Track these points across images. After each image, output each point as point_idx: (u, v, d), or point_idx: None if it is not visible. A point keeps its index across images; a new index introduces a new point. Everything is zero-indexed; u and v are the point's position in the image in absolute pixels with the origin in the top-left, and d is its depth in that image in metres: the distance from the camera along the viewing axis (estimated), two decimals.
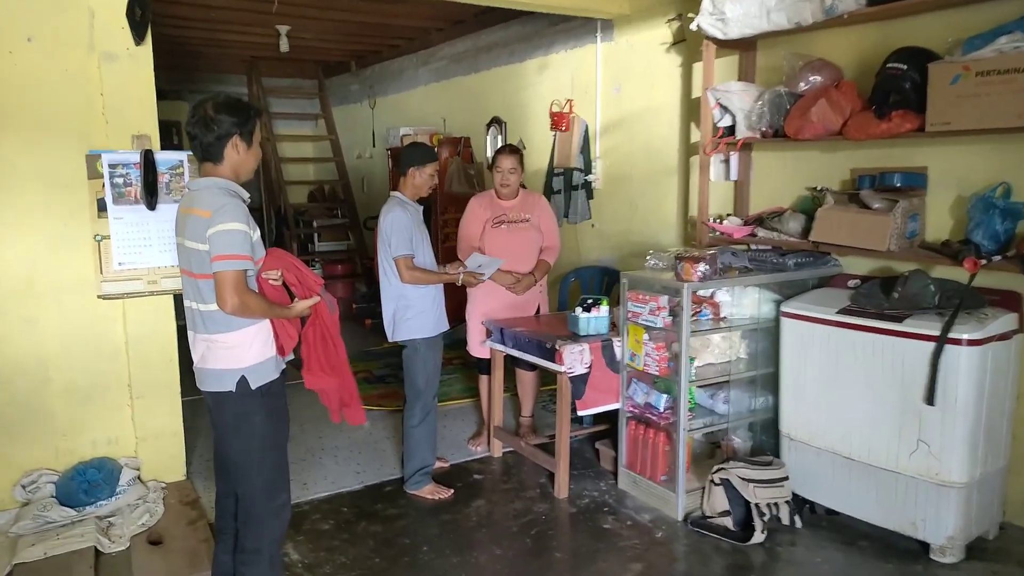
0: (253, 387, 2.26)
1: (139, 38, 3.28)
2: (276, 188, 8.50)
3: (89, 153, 3.25)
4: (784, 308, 3.18)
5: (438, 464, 3.66)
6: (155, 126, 3.39)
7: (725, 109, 3.70)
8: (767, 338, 3.38)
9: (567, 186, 5.25)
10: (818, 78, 3.33)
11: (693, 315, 3.17)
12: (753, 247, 3.67)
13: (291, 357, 2.49)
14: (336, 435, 4.18)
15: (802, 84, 3.37)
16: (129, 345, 3.41)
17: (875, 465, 2.92)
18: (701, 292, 3.26)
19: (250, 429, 2.28)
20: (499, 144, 5.99)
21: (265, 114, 8.59)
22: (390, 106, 7.87)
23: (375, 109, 8.15)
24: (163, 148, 3.41)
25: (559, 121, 5.16)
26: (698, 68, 4.13)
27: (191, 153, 2.53)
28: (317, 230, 8.64)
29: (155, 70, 3.36)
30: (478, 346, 3.88)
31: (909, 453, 2.82)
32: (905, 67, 2.95)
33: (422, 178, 3.35)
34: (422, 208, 3.44)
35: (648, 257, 3.33)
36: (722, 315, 3.35)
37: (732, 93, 3.60)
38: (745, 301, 3.37)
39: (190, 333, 2.35)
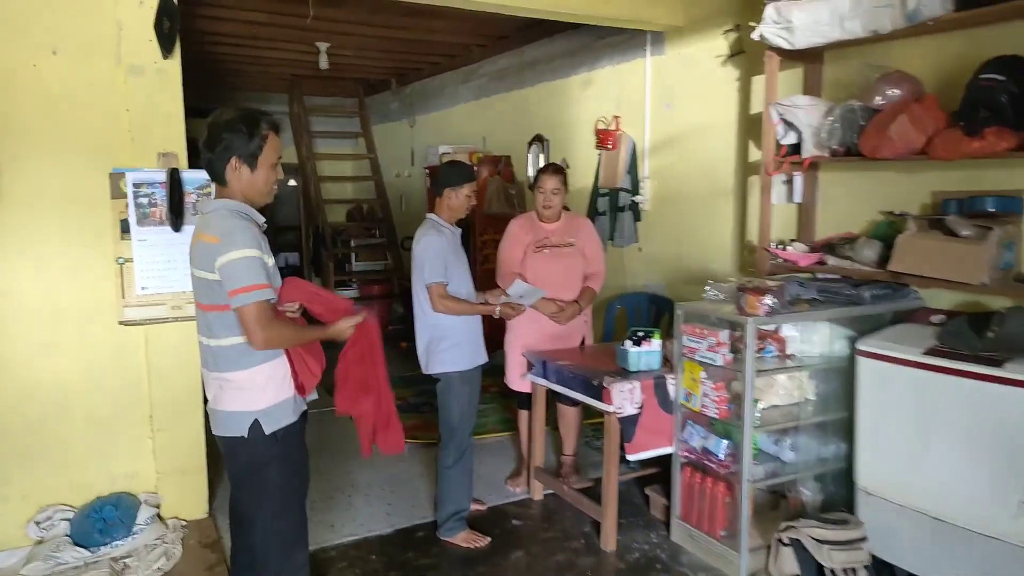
0: (267, 432, 2.03)
1: (167, 51, 3.14)
2: (314, 207, 8.41)
3: (113, 171, 3.10)
4: (861, 346, 2.85)
5: (474, 507, 3.40)
6: (183, 143, 3.24)
7: (789, 125, 3.40)
8: (839, 379, 3.05)
9: (613, 207, 4.98)
10: (896, 91, 3.01)
11: (757, 352, 2.86)
12: (818, 276, 3.35)
13: (313, 396, 2.27)
14: (367, 471, 3.95)
15: (878, 98, 3.05)
16: (151, 374, 3.24)
17: (969, 528, 2.56)
18: (765, 326, 2.95)
19: (264, 480, 2.06)
20: (541, 163, 5.76)
21: (305, 133, 8.54)
22: (430, 124, 7.72)
23: (414, 127, 8.01)
24: (193, 167, 3.26)
25: (605, 139, 4.90)
26: (758, 82, 3.84)
27: None
28: (355, 250, 8.52)
29: (195, 87, 3.21)
30: (518, 379, 3.61)
31: (1010, 517, 2.45)
32: (1003, 78, 2.62)
33: (458, 199, 3.12)
34: (460, 231, 3.21)
35: (707, 288, 3.03)
36: (789, 352, 3.03)
37: (798, 108, 3.29)
38: (815, 337, 3.05)
39: (203, 371, 2.14)
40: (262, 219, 2.10)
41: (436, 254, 3.00)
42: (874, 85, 3.06)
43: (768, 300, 2.73)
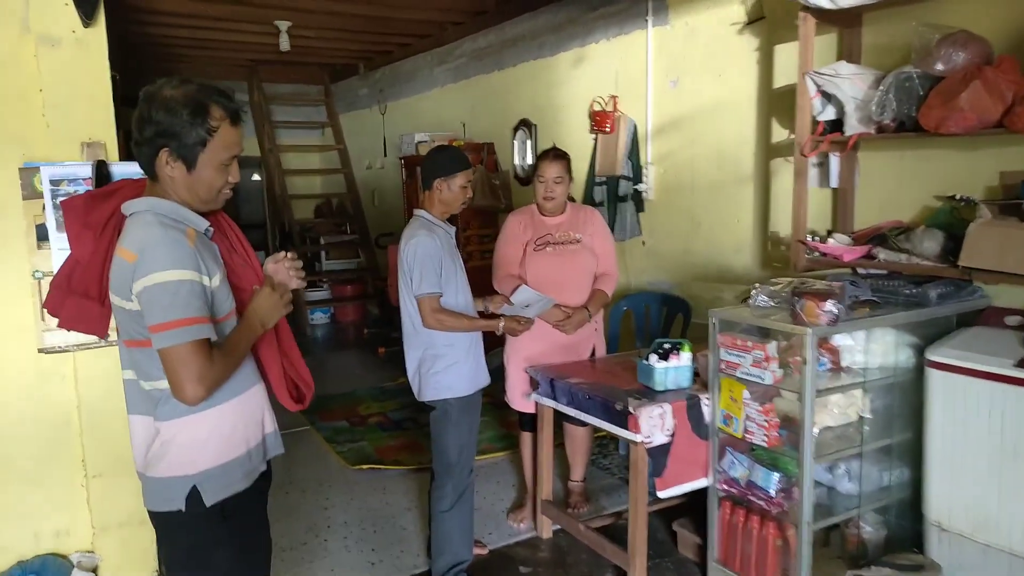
0: (209, 503, 1.52)
1: (88, 17, 2.57)
2: (279, 203, 7.82)
3: (24, 166, 2.54)
4: (932, 356, 2.41)
5: (475, 551, 2.90)
6: (111, 130, 2.68)
7: (828, 98, 2.95)
8: (900, 393, 2.61)
9: (611, 197, 4.50)
10: (962, 55, 2.56)
11: None
12: (862, 272, 2.91)
13: (279, 451, 1.76)
14: (344, 505, 3.43)
15: (939, 64, 2.60)
16: (82, 409, 2.68)
17: None
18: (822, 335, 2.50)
19: (208, 568, 1.55)
20: (528, 150, 5.27)
21: (267, 123, 7.93)
22: (403, 111, 7.17)
23: (386, 115, 7.44)
24: (128, 158, 2.69)
25: (602, 121, 4.42)
26: (782, 51, 3.39)
27: None
28: (324, 247, 7.98)
29: (137, 74, 2.66)
30: (520, 398, 3.12)
31: None
32: None
33: (451, 192, 2.62)
34: (454, 229, 2.70)
35: (754, 292, 2.56)
36: (844, 364, 2.58)
37: (841, 78, 2.84)
38: (874, 346, 2.60)
39: (130, 419, 1.62)
40: (204, 224, 1.57)
41: (427, 259, 2.49)
42: (934, 48, 2.61)
43: (830, 306, 2.27)
